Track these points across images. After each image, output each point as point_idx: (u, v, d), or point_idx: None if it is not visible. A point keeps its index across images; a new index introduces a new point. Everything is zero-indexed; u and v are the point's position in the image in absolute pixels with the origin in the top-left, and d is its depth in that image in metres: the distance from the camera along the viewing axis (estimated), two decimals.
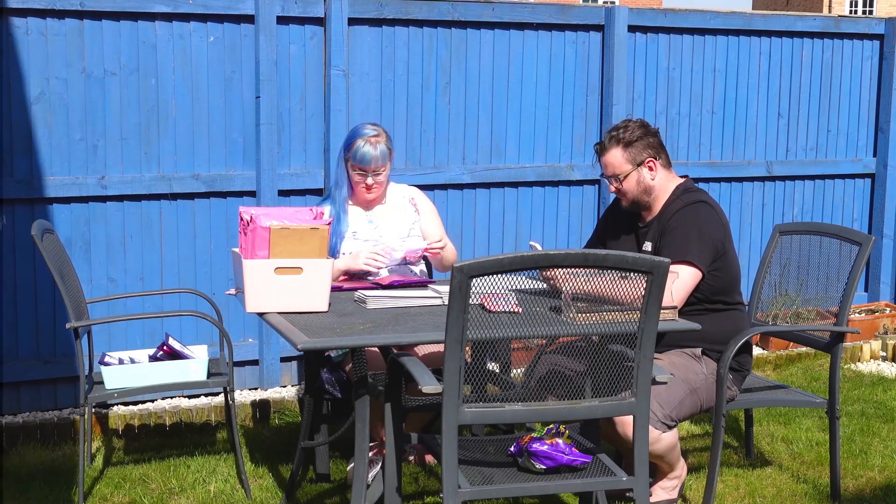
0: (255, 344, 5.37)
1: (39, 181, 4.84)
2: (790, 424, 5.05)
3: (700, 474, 4.31)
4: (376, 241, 4.25)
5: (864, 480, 4.39)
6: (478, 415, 2.96)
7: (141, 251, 5.09)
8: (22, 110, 4.79)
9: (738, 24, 6.32)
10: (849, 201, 6.88)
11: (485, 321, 2.95)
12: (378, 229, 4.31)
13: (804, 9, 47.59)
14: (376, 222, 4.32)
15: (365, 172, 4.21)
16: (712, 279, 3.89)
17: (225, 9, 5.10)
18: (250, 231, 3.62)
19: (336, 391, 4.07)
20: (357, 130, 4.27)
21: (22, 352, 4.92)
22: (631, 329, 2.99)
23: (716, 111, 6.36)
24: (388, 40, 5.47)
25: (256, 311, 3.64)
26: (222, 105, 5.18)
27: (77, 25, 4.85)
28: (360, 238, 4.27)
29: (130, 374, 4.10)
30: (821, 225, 4.58)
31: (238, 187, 5.23)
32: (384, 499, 3.40)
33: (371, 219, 4.32)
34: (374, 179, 4.23)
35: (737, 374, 4.00)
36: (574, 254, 2.95)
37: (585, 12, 5.96)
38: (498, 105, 5.78)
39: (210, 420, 5.00)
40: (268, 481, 4.32)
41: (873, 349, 6.35)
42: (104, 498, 4.16)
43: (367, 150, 4.17)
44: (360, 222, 4.31)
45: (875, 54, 6.78)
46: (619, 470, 3.14)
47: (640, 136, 3.97)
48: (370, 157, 4.17)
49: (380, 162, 4.21)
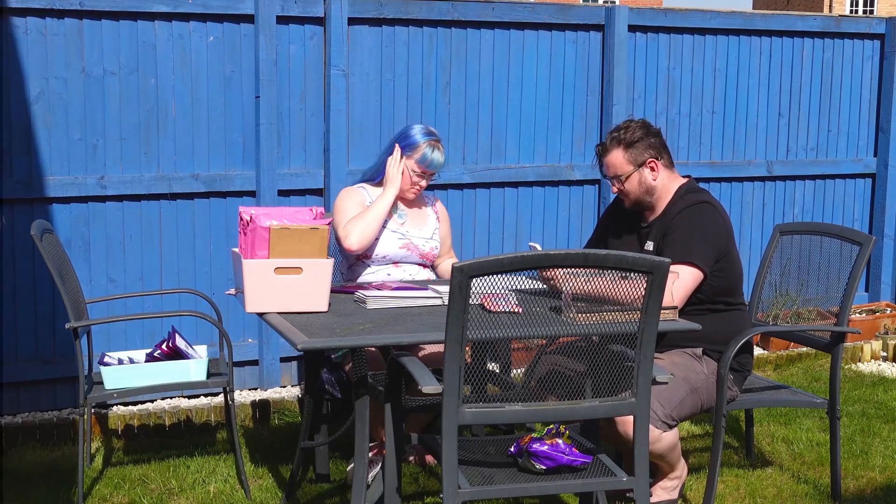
0: (254, 344, 5.37)
1: (39, 181, 4.84)
2: (791, 425, 5.05)
3: (700, 474, 4.31)
4: (403, 235, 4.35)
5: (865, 481, 4.38)
6: (478, 415, 2.96)
7: (140, 251, 5.08)
8: (21, 110, 4.78)
9: (738, 24, 6.31)
10: (849, 201, 6.87)
11: (485, 321, 2.94)
12: (405, 225, 4.40)
13: (805, 8, 47.60)
14: (405, 217, 4.42)
15: (424, 175, 4.35)
16: (715, 280, 3.89)
17: (225, 8, 5.10)
18: (250, 231, 3.61)
19: (336, 391, 4.07)
20: (419, 131, 4.35)
21: (21, 352, 4.92)
22: (631, 329, 2.99)
23: (716, 111, 6.36)
24: (388, 40, 5.47)
25: (256, 311, 3.63)
26: (222, 105, 5.17)
27: (76, 25, 4.84)
28: (389, 228, 4.35)
29: (130, 374, 4.10)
30: (821, 225, 4.57)
31: (238, 187, 5.22)
32: (384, 499, 3.39)
33: (401, 213, 4.41)
34: (427, 181, 4.39)
35: (737, 374, 4.00)
36: (574, 254, 2.94)
37: (585, 12, 5.96)
38: (498, 105, 5.78)
39: (210, 420, 4.99)
40: (268, 481, 4.31)
41: (874, 349, 6.35)
42: (104, 498, 4.16)
43: (437, 156, 4.34)
44: (390, 215, 4.39)
45: (876, 54, 6.78)
46: (620, 470, 3.14)
47: (641, 137, 3.97)
48: (438, 162, 4.35)
49: (441, 167, 4.42)
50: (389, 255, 4.32)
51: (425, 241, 4.40)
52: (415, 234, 4.39)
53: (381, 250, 4.31)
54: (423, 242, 4.39)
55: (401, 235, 4.36)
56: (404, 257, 4.35)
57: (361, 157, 5.43)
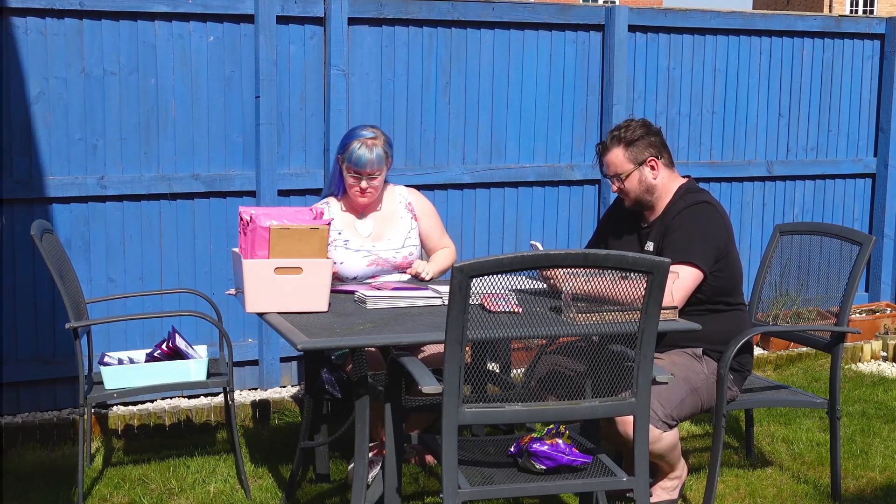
0: (254, 344, 5.37)
1: (39, 181, 4.83)
2: (791, 425, 5.05)
3: (700, 474, 4.31)
4: (368, 252, 4.18)
5: (865, 481, 4.38)
6: (478, 415, 2.96)
7: (140, 251, 5.08)
8: (21, 110, 4.78)
9: (738, 24, 6.31)
10: (849, 201, 6.87)
11: (485, 321, 2.94)
12: (370, 238, 4.22)
13: (805, 8, 47.60)
14: (369, 232, 4.24)
15: (359, 176, 4.13)
16: (715, 280, 3.89)
17: (224, 8, 5.09)
18: (250, 231, 3.61)
19: (336, 391, 4.07)
20: (354, 132, 4.20)
21: (21, 352, 4.91)
22: (631, 329, 2.99)
23: (716, 111, 6.35)
24: (387, 40, 5.47)
25: (256, 311, 3.63)
26: (222, 105, 5.17)
27: (76, 25, 4.84)
28: (352, 248, 4.18)
29: (130, 374, 4.10)
30: (821, 225, 4.57)
31: (238, 187, 5.22)
32: (384, 499, 3.39)
33: (364, 228, 4.24)
34: (368, 183, 4.14)
35: (737, 374, 4.00)
36: (574, 254, 2.94)
37: (585, 12, 5.96)
38: (498, 105, 5.78)
39: (210, 420, 4.99)
40: (268, 481, 4.31)
41: (874, 349, 6.34)
42: (104, 498, 4.16)
43: (363, 153, 4.08)
44: (352, 230, 4.23)
45: (876, 54, 6.78)
46: (620, 470, 3.14)
47: (641, 136, 3.97)
48: (365, 159, 4.09)
49: (375, 165, 4.11)
50: (360, 274, 4.16)
51: (395, 252, 4.20)
52: (381, 247, 4.20)
53: (349, 271, 4.15)
54: (392, 254, 4.19)
55: (366, 253, 4.17)
56: (377, 272, 4.19)
57: None
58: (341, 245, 4.19)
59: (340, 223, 4.22)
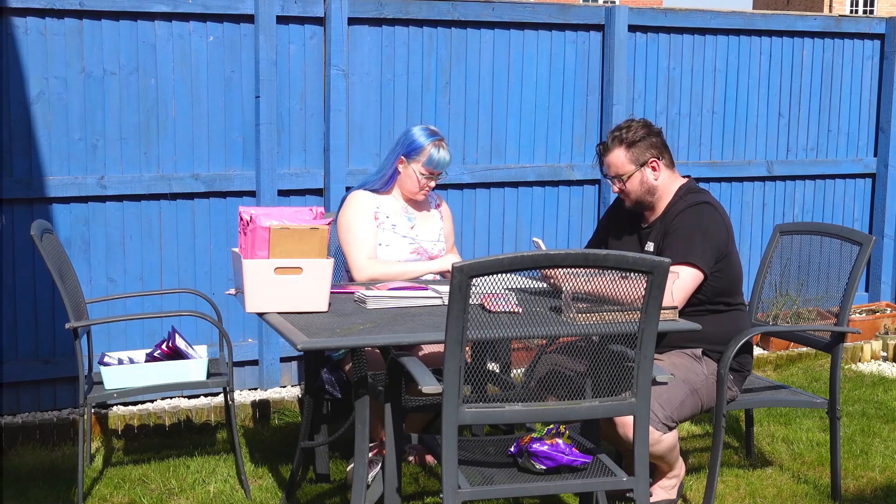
0: (254, 344, 5.37)
1: (39, 181, 4.83)
2: (791, 425, 5.05)
3: (700, 474, 4.31)
4: (413, 240, 4.35)
5: (865, 481, 4.38)
6: (478, 415, 2.96)
7: (140, 251, 5.08)
8: (21, 110, 4.78)
9: (738, 24, 6.31)
10: (849, 201, 6.87)
11: (485, 321, 2.94)
12: (415, 228, 4.40)
13: (805, 8, 47.59)
14: (415, 221, 4.41)
15: (433, 175, 4.34)
16: (715, 280, 3.89)
17: (224, 8, 5.09)
18: (250, 231, 3.61)
19: (336, 391, 4.07)
20: (421, 134, 4.32)
21: (21, 352, 4.91)
22: (631, 329, 2.99)
23: (716, 111, 6.36)
24: (387, 40, 5.47)
25: (256, 311, 3.63)
26: (222, 105, 5.17)
27: (76, 25, 4.84)
28: (399, 233, 4.34)
29: (130, 374, 4.10)
30: (821, 225, 4.57)
31: (238, 187, 5.22)
32: (384, 499, 3.39)
33: (410, 216, 4.40)
34: (436, 181, 4.38)
35: (737, 374, 4.00)
36: (574, 254, 2.94)
37: (585, 12, 5.96)
38: (498, 105, 5.78)
39: (210, 420, 4.99)
40: (268, 481, 4.31)
41: (874, 349, 6.34)
42: (104, 498, 4.16)
43: (443, 155, 4.31)
44: (400, 217, 4.39)
45: (876, 54, 6.78)
46: (620, 470, 3.14)
47: (643, 136, 3.97)
48: (445, 161, 4.32)
49: (449, 164, 4.37)
50: (401, 260, 4.32)
51: (433, 244, 4.40)
52: (423, 237, 4.40)
53: (392, 256, 4.30)
54: (431, 245, 4.39)
55: (411, 240, 4.36)
56: (414, 261, 4.35)
57: (361, 157, 5.43)
58: (389, 228, 4.33)
59: (389, 209, 4.37)
